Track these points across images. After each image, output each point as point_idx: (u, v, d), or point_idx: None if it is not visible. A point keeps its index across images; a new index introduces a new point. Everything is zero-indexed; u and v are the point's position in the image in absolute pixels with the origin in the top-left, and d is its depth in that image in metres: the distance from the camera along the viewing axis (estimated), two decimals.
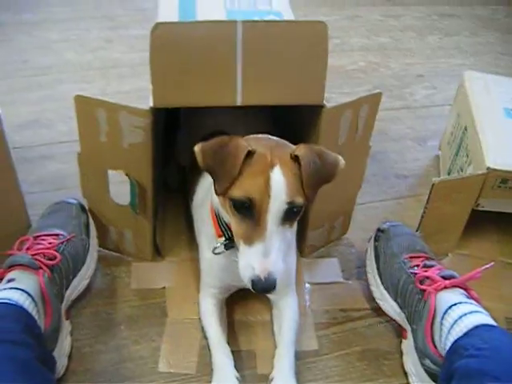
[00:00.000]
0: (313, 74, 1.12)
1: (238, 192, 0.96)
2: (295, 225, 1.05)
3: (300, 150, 0.98)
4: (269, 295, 1.25)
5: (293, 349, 1.15)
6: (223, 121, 1.34)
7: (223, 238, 1.12)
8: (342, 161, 1.02)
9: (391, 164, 1.77)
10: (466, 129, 1.52)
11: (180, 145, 1.54)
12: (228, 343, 1.16)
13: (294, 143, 1.09)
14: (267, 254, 0.95)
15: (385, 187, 1.67)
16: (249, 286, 0.96)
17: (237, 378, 1.09)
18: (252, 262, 0.95)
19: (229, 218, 1.02)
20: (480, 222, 1.48)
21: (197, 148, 0.98)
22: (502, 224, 1.52)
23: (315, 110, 1.17)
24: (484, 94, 1.57)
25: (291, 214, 0.97)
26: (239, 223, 0.99)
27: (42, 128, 1.74)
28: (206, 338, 1.19)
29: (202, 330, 1.20)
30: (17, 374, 0.91)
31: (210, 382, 1.12)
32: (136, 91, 1.13)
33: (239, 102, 1.11)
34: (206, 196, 1.21)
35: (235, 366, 1.12)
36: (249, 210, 0.96)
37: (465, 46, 2.49)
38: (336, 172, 1.01)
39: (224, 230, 1.11)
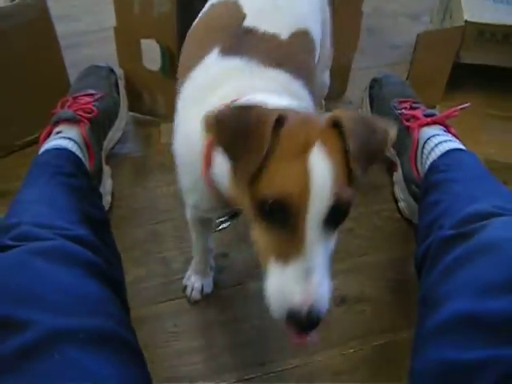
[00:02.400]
0: None
1: (267, 188, 0.68)
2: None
3: (340, 113, 0.72)
4: None
5: None
6: None
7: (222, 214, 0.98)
8: (392, 131, 0.74)
9: (386, 37, 1.90)
10: None
11: None
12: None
13: None
14: (309, 274, 0.67)
15: (380, 56, 1.81)
16: (278, 318, 0.68)
17: (211, 268, 1.23)
18: (290, 287, 0.67)
19: (242, 201, 0.74)
20: (467, 80, 1.63)
21: (209, 117, 0.70)
22: (489, 79, 1.65)
23: None
24: None
25: (338, 215, 0.69)
26: (268, 234, 0.70)
27: (71, 21, 1.87)
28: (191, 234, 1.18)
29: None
30: (71, 194, 1.08)
31: None
32: None
33: None
34: (191, 135, 0.88)
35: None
36: (281, 214, 0.68)
37: None
38: (386, 145, 0.73)
39: (221, 203, 0.90)
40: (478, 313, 0.78)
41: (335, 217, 0.68)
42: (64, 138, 1.23)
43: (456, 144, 1.23)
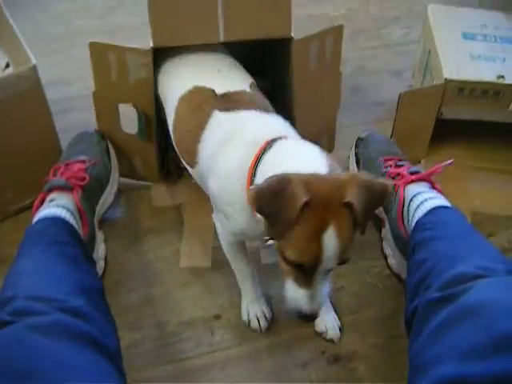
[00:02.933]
0: (281, 11, 1.31)
1: (290, 253, 0.92)
2: None
3: (351, 194, 0.88)
4: None
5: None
6: (176, 81, 1.37)
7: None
8: (390, 184, 0.97)
9: (370, 94, 1.92)
10: (429, 52, 1.70)
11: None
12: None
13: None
14: (313, 298, 0.96)
15: (364, 113, 1.83)
16: (292, 309, 1.00)
17: (263, 297, 1.27)
18: (299, 302, 0.97)
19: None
20: (450, 134, 1.67)
21: (251, 191, 0.91)
22: (469, 133, 1.69)
23: (288, 43, 1.36)
24: (445, 21, 1.74)
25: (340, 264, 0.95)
26: (289, 270, 0.96)
27: (62, 86, 1.91)
28: (231, 265, 1.27)
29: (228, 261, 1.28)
30: (67, 265, 1.09)
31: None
32: None
33: (222, 39, 1.31)
34: (230, 174, 1.10)
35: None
36: (301, 266, 0.94)
37: None
38: (386, 198, 0.95)
39: None
40: (463, 376, 0.79)
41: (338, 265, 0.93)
42: (57, 206, 1.25)
43: (441, 201, 1.25)
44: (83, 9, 2.41)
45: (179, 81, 1.33)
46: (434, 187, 1.32)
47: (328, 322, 1.25)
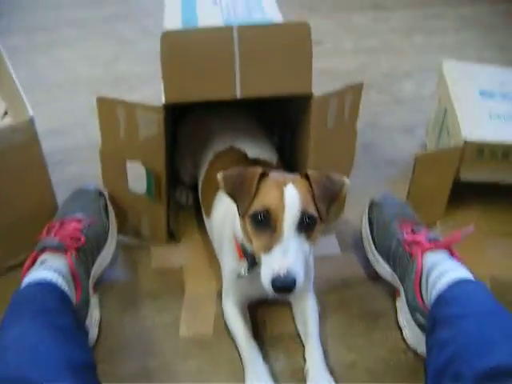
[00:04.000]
0: (301, 67, 1.25)
1: (256, 206, 1.05)
2: (312, 244, 1.09)
3: (310, 171, 1.09)
4: (290, 298, 1.33)
5: (319, 341, 1.23)
6: (221, 143, 1.47)
7: (245, 264, 1.19)
8: (347, 180, 1.12)
9: (382, 152, 1.87)
10: (445, 110, 1.64)
11: (180, 167, 1.64)
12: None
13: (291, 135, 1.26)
14: (285, 253, 1.00)
15: (377, 172, 1.78)
16: (269, 289, 1.01)
17: (267, 372, 1.18)
18: (271, 264, 1.00)
19: (250, 238, 1.09)
20: (465, 194, 1.61)
21: (219, 176, 1.08)
22: (486, 195, 1.63)
23: (305, 101, 1.30)
24: (461, 78, 1.69)
25: (305, 224, 1.04)
26: (259, 236, 1.05)
27: (60, 136, 1.87)
28: (233, 338, 1.26)
29: (229, 332, 1.28)
30: (56, 337, 1.02)
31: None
32: (145, 99, 1.26)
33: (238, 95, 1.25)
34: (225, 216, 1.30)
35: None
36: (266, 221, 1.03)
37: (449, 44, 2.60)
38: (343, 189, 1.10)
39: (247, 256, 1.18)
40: None
41: (304, 226, 1.04)
42: (49, 269, 1.17)
43: (463, 273, 1.18)
44: (87, 56, 2.39)
45: (219, 137, 1.48)
46: (452, 255, 1.25)
47: (320, 380, 1.17)
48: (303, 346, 1.26)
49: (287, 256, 1.00)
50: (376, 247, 1.40)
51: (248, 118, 1.60)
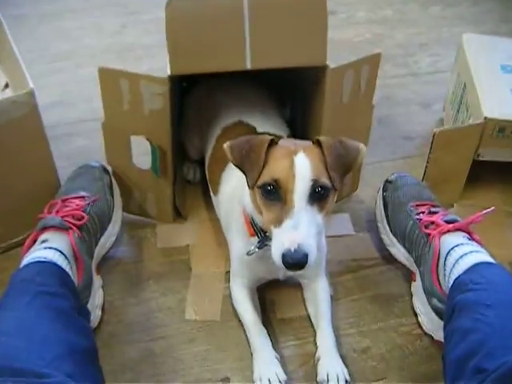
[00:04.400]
0: (315, 37, 1.18)
1: (264, 177, 0.99)
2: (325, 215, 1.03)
3: (322, 137, 1.02)
4: (300, 279, 1.29)
5: (331, 327, 1.19)
6: (229, 117, 1.41)
7: (256, 238, 1.13)
8: (363, 147, 1.04)
9: (398, 127, 1.81)
10: (465, 85, 1.57)
11: (186, 142, 1.58)
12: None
13: (303, 108, 1.18)
14: (296, 228, 0.94)
15: (392, 148, 1.72)
16: (279, 264, 0.96)
17: (276, 358, 1.14)
18: (282, 238, 0.95)
19: (261, 210, 1.03)
20: (484, 173, 1.54)
21: (225, 146, 1.03)
22: (506, 174, 1.57)
23: (319, 72, 1.23)
24: (481, 52, 1.62)
25: (318, 194, 0.98)
26: (269, 209, 1.00)
27: (65, 108, 1.82)
28: (241, 322, 1.22)
29: (237, 314, 1.24)
30: (55, 321, 0.98)
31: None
32: (152, 71, 1.21)
33: (248, 66, 1.18)
34: (233, 193, 1.24)
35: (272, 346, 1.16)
36: (276, 193, 0.98)
37: (466, 15, 2.53)
38: (358, 157, 1.03)
39: (257, 231, 1.13)
40: None
41: (316, 196, 0.98)
42: (50, 249, 1.12)
43: (483, 256, 1.12)
44: (93, 26, 2.33)
45: (226, 111, 1.42)
46: (472, 238, 1.19)
47: (331, 368, 1.12)
48: (314, 331, 1.22)
49: (299, 230, 0.94)
50: (391, 229, 1.34)
51: (258, 90, 1.53)
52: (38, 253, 1.11)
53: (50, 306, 1.00)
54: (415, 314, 1.26)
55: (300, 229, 0.94)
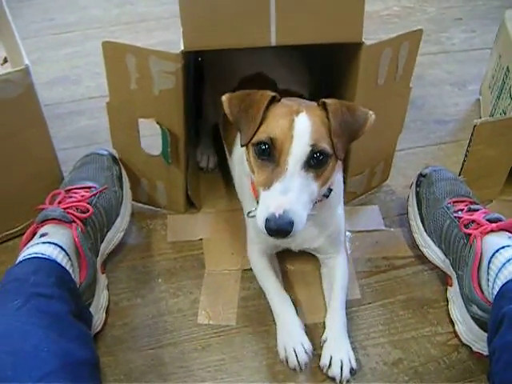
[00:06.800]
0: (350, 9, 1.08)
1: (260, 135, 0.94)
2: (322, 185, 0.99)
3: (328, 99, 0.96)
4: (316, 253, 1.23)
5: (344, 309, 1.14)
6: (248, 68, 1.32)
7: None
8: (372, 116, 0.98)
9: (430, 109, 1.73)
10: (508, 69, 1.48)
11: (206, 101, 1.50)
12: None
13: (333, 84, 1.10)
14: (285, 192, 0.89)
15: (425, 133, 1.64)
16: (262, 229, 0.91)
17: (301, 327, 1.10)
18: (269, 202, 0.90)
19: (253, 170, 0.98)
20: None
21: (224, 97, 0.99)
22: None
23: (353, 49, 1.13)
24: None
25: (316, 160, 0.93)
26: (261, 169, 0.95)
27: (70, 84, 1.74)
28: (263, 290, 1.18)
29: (258, 283, 1.20)
30: (48, 328, 0.91)
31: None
32: (165, 44, 1.11)
33: (273, 42, 1.08)
34: (243, 156, 1.16)
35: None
36: (271, 153, 0.93)
37: None
38: (366, 126, 0.97)
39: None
40: None
41: (314, 163, 0.93)
42: (49, 244, 1.03)
43: None
44: None
45: (246, 61, 1.33)
46: None
47: (336, 352, 1.08)
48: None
49: (287, 195, 0.89)
50: (425, 228, 1.26)
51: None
52: (36, 248, 1.03)
53: (44, 310, 0.93)
54: (452, 322, 1.18)
55: (289, 194, 0.89)
